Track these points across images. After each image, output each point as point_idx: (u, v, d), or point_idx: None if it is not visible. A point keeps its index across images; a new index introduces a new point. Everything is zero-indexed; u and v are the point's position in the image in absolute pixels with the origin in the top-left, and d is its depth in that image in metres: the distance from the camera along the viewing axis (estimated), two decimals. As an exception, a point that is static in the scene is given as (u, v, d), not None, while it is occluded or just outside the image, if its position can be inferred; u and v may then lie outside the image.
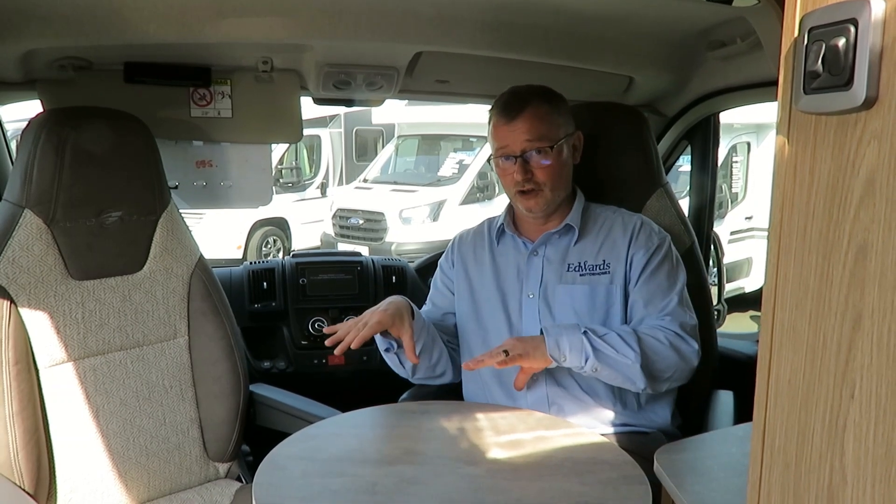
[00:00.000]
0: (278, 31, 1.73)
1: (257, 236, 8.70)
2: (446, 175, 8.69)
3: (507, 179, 1.57)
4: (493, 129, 1.59)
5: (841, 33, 0.55)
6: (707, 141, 2.31)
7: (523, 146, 1.53)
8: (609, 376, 1.45)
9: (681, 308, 1.54)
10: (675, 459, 1.17)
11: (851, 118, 0.56)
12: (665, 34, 1.81)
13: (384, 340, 1.56)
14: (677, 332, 1.49)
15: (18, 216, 1.52)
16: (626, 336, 1.44)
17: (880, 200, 0.53)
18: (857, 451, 0.56)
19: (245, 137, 2.11)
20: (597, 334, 1.43)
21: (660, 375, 1.47)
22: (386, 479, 1.23)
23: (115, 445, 1.60)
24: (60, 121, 1.55)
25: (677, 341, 1.48)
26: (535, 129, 1.53)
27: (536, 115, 1.54)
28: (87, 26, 1.61)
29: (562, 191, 1.59)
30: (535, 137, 1.53)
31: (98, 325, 1.60)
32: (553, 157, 1.54)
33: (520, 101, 1.55)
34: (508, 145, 1.55)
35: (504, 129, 1.55)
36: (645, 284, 1.55)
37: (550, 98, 1.59)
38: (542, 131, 1.53)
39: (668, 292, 1.55)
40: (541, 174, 1.54)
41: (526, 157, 1.54)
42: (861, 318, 0.55)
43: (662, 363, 1.46)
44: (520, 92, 1.58)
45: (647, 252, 1.57)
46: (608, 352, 1.42)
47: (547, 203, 1.57)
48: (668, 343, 1.47)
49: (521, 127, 1.53)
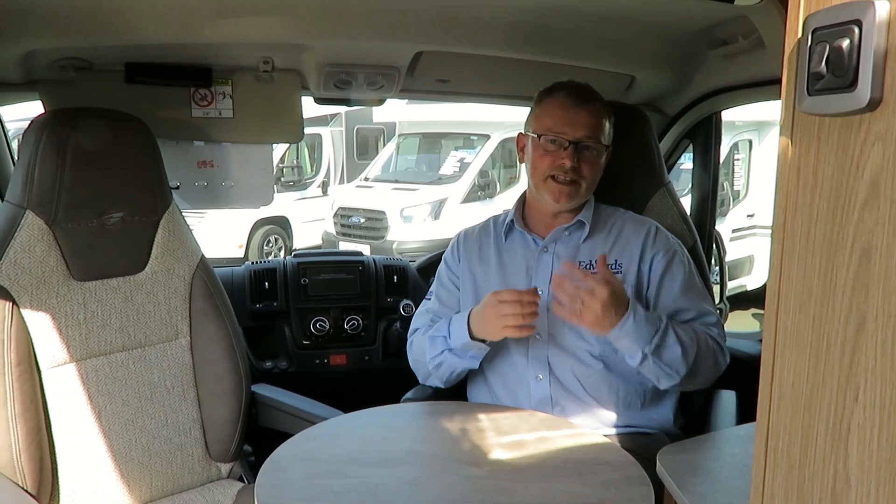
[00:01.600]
0: (279, 31, 1.73)
1: (259, 235, 8.69)
2: (447, 173, 8.68)
3: (545, 161, 1.56)
4: (550, 108, 1.57)
5: (845, 34, 0.55)
6: (709, 139, 2.31)
7: (582, 135, 1.54)
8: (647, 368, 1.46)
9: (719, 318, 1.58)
10: (678, 460, 1.17)
11: (855, 120, 0.55)
12: (667, 33, 1.81)
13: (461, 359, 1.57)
14: (720, 344, 1.52)
15: (20, 217, 1.52)
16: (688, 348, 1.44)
17: (884, 203, 0.53)
18: (861, 454, 0.55)
19: (246, 137, 2.11)
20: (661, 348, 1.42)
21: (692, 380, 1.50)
22: (388, 480, 1.23)
23: (117, 446, 1.60)
24: (62, 122, 1.55)
25: (718, 352, 1.51)
26: (597, 125, 1.56)
27: (601, 114, 1.58)
28: (87, 27, 1.61)
29: (590, 193, 1.62)
30: (594, 133, 1.55)
31: (100, 326, 1.59)
32: (598, 158, 1.58)
33: (590, 94, 1.59)
34: (567, 130, 1.54)
35: (569, 112, 1.55)
36: (676, 286, 1.56)
37: (608, 107, 1.63)
38: (600, 130, 1.57)
39: (703, 296, 1.59)
40: (587, 169, 1.56)
41: (580, 146, 1.54)
42: (865, 321, 0.55)
43: (702, 370, 1.48)
44: (589, 87, 1.61)
45: (666, 254, 1.58)
46: (653, 369, 1.44)
47: (580, 196, 1.58)
48: (712, 352, 1.50)
49: (586, 118, 1.55)
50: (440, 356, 1.59)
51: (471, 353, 1.55)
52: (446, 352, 1.58)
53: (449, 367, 1.60)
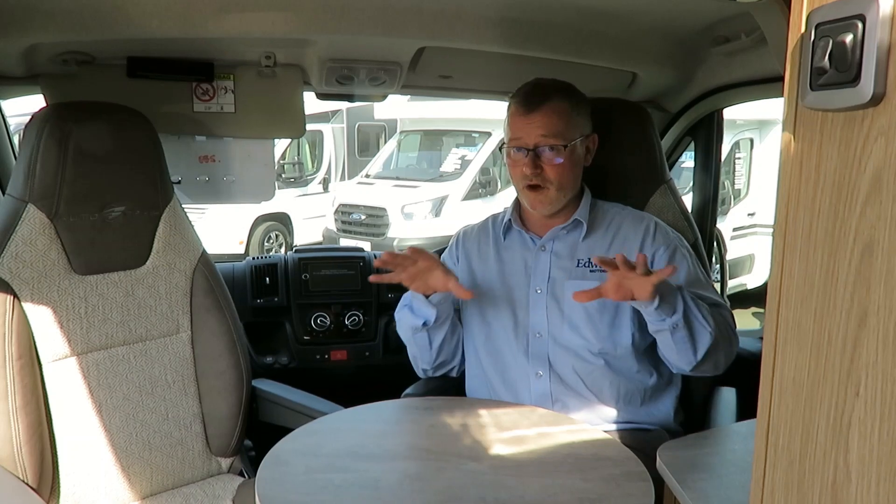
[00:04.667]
0: (281, 26, 1.72)
1: (259, 231, 8.69)
2: (448, 170, 8.68)
3: (517, 171, 1.55)
4: (510, 118, 1.56)
5: (848, 29, 0.55)
6: (710, 137, 2.30)
7: (537, 140, 1.51)
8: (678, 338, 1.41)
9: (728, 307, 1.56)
10: (678, 456, 1.17)
11: (858, 115, 0.55)
12: (669, 30, 1.81)
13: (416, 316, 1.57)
14: (732, 328, 1.51)
15: (22, 211, 1.52)
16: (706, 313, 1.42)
17: (887, 198, 0.53)
18: (862, 448, 0.55)
19: (248, 132, 2.10)
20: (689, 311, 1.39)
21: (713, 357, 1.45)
22: (389, 474, 1.23)
23: (117, 440, 1.60)
24: (63, 116, 1.55)
25: (731, 335, 1.50)
26: (552, 125, 1.51)
27: (556, 110, 1.52)
28: (89, 21, 1.60)
29: (569, 191, 1.58)
30: (550, 134, 1.51)
31: (101, 320, 1.60)
32: (565, 156, 1.53)
33: (541, 94, 1.53)
34: (522, 137, 1.53)
35: (521, 119, 1.53)
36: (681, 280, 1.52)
37: (572, 96, 1.57)
38: (558, 128, 1.52)
39: (709, 288, 1.57)
40: (550, 171, 1.52)
41: (538, 151, 1.52)
42: (867, 316, 0.55)
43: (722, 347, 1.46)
44: (543, 84, 1.56)
45: (667, 249, 1.57)
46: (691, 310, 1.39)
47: (552, 201, 1.56)
48: (727, 332, 1.48)
49: (539, 121, 1.51)
50: (401, 310, 1.64)
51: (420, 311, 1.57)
52: (405, 307, 1.62)
53: (404, 324, 1.63)
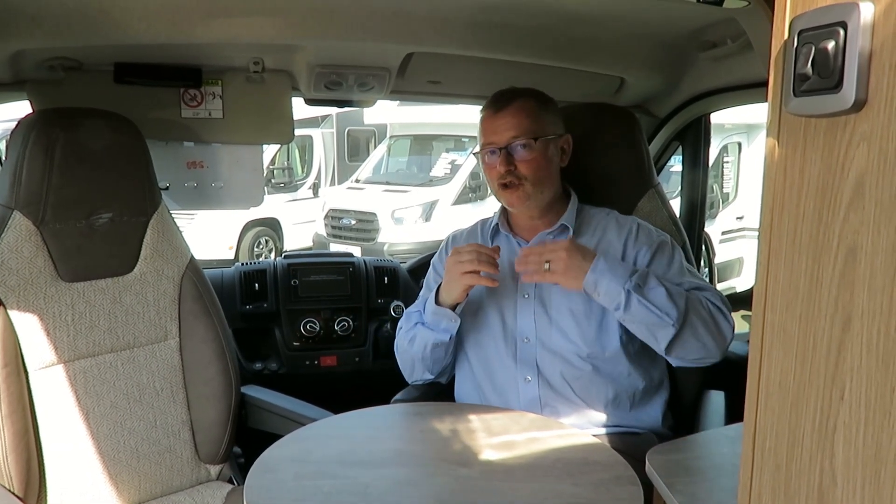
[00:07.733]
0: (269, 32, 1.72)
1: (249, 237, 8.67)
2: (438, 175, 8.69)
3: (492, 173, 1.57)
4: (481, 123, 1.59)
5: (830, 36, 0.55)
6: (698, 141, 2.32)
7: (508, 140, 1.53)
8: (636, 329, 1.46)
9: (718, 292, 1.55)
10: (667, 460, 1.17)
11: (841, 120, 0.56)
12: (656, 35, 1.82)
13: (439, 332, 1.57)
14: (721, 308, 1.49)
15: (7, 218, 1.51)
16: (676, 295, 1.42)
17: (869, 203, 0.53)
18: (847, 452, 0.56)
19: (236, 138, 2.10)
20: (643, 288, 1.41)
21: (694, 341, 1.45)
22: (378, 480, 1.22)
23: (105, 448, 1.59)
24: (50, 121, 1.54)
25: (718, 315, 1.47)
26: (520, 123, 1.54)
27: (523, 108, 1.55)
28: (76, 26, 1.60)
29: (545, 189, 1.58)
30: (520, 132, 1.53)
31: (88, 328, 1.59)
32: (537, 151, 1.54)
33: (508, 96, 1.57)
34: (493, 139, 1.55)
35: (490, 121, 1.56)
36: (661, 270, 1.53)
37: (539, 96, 1.60)
38: (527, 125, 1.54)
39: (697, 278, 1.57)
40: (523, 168, 1.54)
41: (510, 149, 1.53)
42: (851, 320, 0.55)
43: (701, 329, 1.44)
44: (511, 89, 1.60)
45: (650, 248, 1.57)
46: (641, 312, 1.40)
47: (528, 197, 1.56)
48: (709, 312, 1.46)
49: (507, 120, 1.54)
50: (413, 329, 1.63)
51: (442, 326, 1.57)
52: (419, 325, 1.61)
53: (422, 341, 1.61)
